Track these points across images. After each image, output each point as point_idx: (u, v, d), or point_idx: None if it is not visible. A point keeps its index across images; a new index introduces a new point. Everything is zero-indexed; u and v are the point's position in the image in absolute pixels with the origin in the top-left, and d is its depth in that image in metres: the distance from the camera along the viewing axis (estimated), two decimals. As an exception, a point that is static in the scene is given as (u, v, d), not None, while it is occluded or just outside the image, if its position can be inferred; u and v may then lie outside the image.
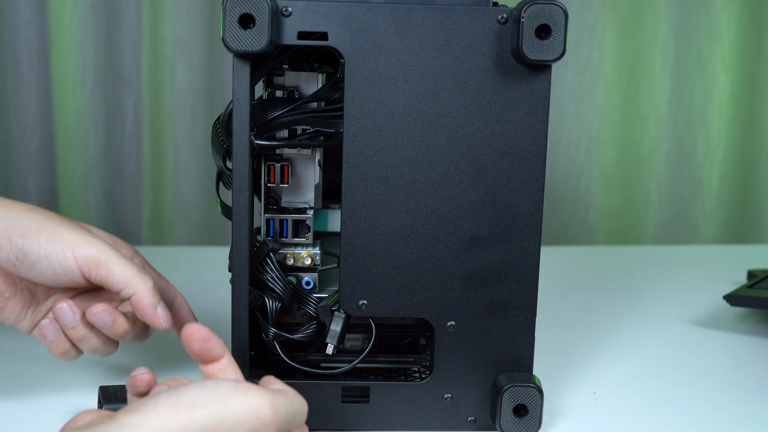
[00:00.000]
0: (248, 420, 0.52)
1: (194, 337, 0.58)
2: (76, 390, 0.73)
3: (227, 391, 0.52)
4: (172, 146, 1.49)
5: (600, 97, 1.54)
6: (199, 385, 0.53)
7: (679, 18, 1.52)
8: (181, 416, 0.50)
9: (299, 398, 0.57)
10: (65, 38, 1.46)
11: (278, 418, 0.53)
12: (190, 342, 0.58)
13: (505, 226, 0.64)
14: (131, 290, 0.68)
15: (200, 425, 0.50)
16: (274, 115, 0.64)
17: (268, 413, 0.53)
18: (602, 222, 1.59)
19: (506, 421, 0.65)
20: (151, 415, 0.50)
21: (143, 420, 0.49)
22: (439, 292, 0.65)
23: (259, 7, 0.59)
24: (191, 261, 1.18)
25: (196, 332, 0.58)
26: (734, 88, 1.55)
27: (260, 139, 0.64)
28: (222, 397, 0.52)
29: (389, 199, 0.64)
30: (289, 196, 0.68)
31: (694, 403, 0.75)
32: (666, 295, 1.07)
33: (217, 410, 0.51)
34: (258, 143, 0.64)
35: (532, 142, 0.64)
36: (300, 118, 0.65)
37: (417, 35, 0.62)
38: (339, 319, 0.65)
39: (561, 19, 0.61)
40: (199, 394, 0.52)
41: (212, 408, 0.51)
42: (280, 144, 0.65)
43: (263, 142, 0.64)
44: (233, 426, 0.51)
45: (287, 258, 0.67)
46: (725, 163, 1.58)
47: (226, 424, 0.51)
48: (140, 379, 0.59)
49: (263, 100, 0.66)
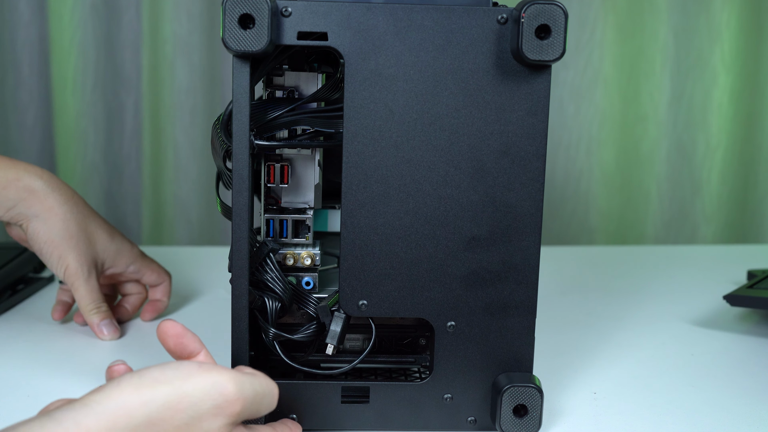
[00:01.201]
0: (212, 395, 0.53)
1: (168, 334, 0.59)
2: (75, 390, 0.73)
3: (190, 370, 0.53)
4: (172, 146, 1.49)
5: (600, 97, 1.54)
6: (162, 365, 0.54)
7: (679, 18, 1.52)
8: (142, 393, 0.51)
9: (268, 380, 0.57)
10: (65, 38, 1.46)
11: (243, 395, 0.54)
12: (165, 339, 0.60)
13: (505, 226, 0.64)
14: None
15: (162, 401, 0.51)
16: (274, 115, 0.64)
17: (231, 389, 0.53)
18: (602, 222, 1.59)
19: (506, 421, 0.65)
20: (113, 392, 0.51)
21: (106, 398, 0.51)
22: (439, 292, 0.65)
23: (258, 8, 0.59)
24: (191, 261, 1.18)
25: (170, 329, 0.59)
26: (734, 88, 1.55)
27: (260, 139, 0.64)
28: (184, 375, 0.53)
29: (389, 199, 0.64)
30: (289, 196, 0.68)
31: (694, 403, 0.75)
32: (666, 295, 1.07)
33: (179, 387, 0.52)
34: (258, 143, 0.64)
35: (532, 142, 0.63)
36: (300, 119, 0.64)
37: (417, 35, 0.61)
38: (339, 319, 0.65)
39: (561, 19, 0.61)
40: (161, 372, 0.53)
41: (174, 385, 0.52)
42: (279, 144, 0.65)
43: (263, 143, 0.64)
44: (196, 402, 0.52)
45: (287, 258, 0.67)
46: (725, 163, 1.58)
47: (189, 401, 0.52)
48: (116, 370, 0.60)
49: (263, 100, 0.66)
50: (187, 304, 0.98)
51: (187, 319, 0.93)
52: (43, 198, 0.83)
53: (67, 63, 1.46)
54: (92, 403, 0.50)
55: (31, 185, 0.83)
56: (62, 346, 0.84)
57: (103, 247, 0.86)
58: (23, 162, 0.85)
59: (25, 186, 0.83)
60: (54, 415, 0.49)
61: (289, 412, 0.66)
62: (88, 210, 0.86)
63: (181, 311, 0.96)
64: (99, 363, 0.79)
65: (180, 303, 0.98)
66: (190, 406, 0.52)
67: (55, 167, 1.50)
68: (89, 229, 0.85)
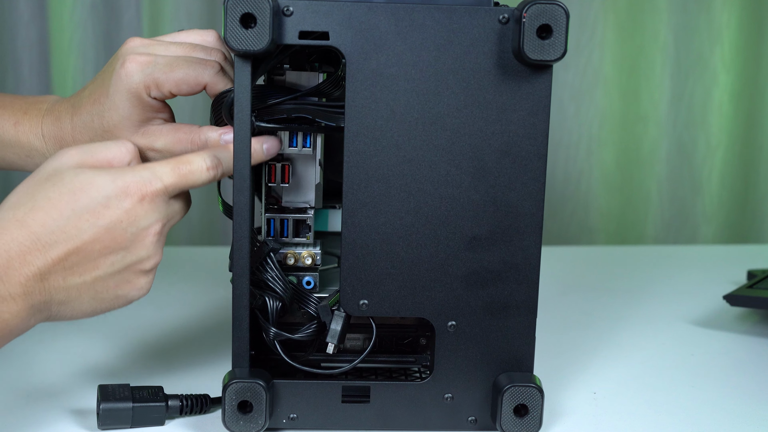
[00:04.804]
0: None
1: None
2: (75, 390, 0.73)
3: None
4: (172, 146, 1.49)
5: (600, 97, 1.54)
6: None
7: (679, 18, 1.52)
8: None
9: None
10: (65, 38, 1.45)
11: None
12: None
13: (506, 226, 0.64)
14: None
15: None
16: (276, 100, 0.64)
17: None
18: (602, 222, 1.59)
19: (507, 421, 0.65)
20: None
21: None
22: (439, 291, 0.65)
23: (260, 7, 0.59)
24: (191, 261, 1.18)
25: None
26: (734, 88, 1.55)
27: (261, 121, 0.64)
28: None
29: (390, 198, 0.64)
30: (289, 195, 0.68)
31: (694, 403, 0.75)
32: (666, 295, 1.07)
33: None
34: (259, 125, 0.63)
35: (533, 142, 0.63)
36: (302, 107, 0.64)
37: (418, 35, 0.62)
38: (339, 318, 0.65)
39: (562, 19, 0.61)
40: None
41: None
42: (280, 126, 0.64)
43: (264, 124, 0.64)
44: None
45: (288, 258, 0.67)
46: (725, 163, 1.58)
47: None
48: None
49: (263, 84, 0.66)
50: (187, 304, 0.98)
51: (187, 319, 0.93)
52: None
53: (67, 63, 1.46)
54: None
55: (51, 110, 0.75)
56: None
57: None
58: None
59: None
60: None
61: (290, 412, 0.66)
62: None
63: (181, 311, 0.96)
64: (100, 362, 0.79)
65: (180, 303, 0.98)
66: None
67: (55, 167, 1.50)
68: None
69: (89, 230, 0.59)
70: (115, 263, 0.60)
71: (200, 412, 0.69)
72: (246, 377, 0.63)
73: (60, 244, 0.58)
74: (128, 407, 0.66)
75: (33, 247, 0.57)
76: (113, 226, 0.59)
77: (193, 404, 0.68)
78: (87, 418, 0.68)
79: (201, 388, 0.71)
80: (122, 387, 0.67)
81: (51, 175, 0.60)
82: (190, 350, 0.84)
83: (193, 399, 0.68)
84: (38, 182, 0.60)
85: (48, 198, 0.59)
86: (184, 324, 0.92)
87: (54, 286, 0.59)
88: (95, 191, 0.59)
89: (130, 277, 0.61)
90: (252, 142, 0.63)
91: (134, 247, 0.60)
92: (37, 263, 0.57)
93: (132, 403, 0.66)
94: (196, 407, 0.68)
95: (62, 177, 0.60)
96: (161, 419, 0.67)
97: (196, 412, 0.68)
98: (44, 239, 0.58)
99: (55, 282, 0.58)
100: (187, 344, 0.86)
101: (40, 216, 0.58)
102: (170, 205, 0.62)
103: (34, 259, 0.57)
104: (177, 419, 0.68)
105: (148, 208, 0.60)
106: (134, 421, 0.66)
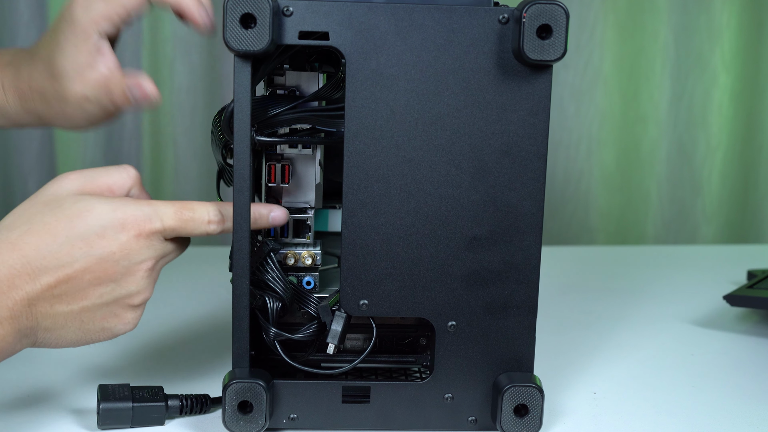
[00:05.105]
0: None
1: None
2: (75, 389, 0.73)
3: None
4: (172, 146, 1.49)
5: (600, 97, 1.54)
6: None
7: (679, 18, 1.52)
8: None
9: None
10: (65, 38, 1.45)
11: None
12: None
13: (506, 226, 0.64)
14: None
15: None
16: (276, 111, 0.64)
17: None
18: (602, 222, 1.59)
19: (507, 421, 0.65)
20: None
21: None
22: (439, 291, 0.65)
23: (260, 7, 0.59)
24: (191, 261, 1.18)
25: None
26: (734, 88, 1.55)
27: (261, 136, 0.64)
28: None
29: (390, 198, 0.64)
30: (289, 196, 0.68)
31: (694, 403, 0.75)
32: (666, 295, 1.07)
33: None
34: (259, 139, 0.64)
35: (533, 142, 0.64)
36: (301, 116, 0.64)
37: (418, 35, 0.62)
38: (340, 318, 0.65)
39: (562, 19, 0.61)
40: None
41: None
42: (280, 141, 0.65)
43: (264, 139, 0.64)
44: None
45: (288, 258, 0.67)
46: (725, 164, 1.58)
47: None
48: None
49: (264, 96, 0.66)
50: (187, 304, 0.98)
51: (187, 319, 0.93)
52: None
53: (67, 62, 1.46)
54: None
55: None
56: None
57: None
58: None
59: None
60: None
61: (290, 412, 0.66)
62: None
63: (181, 311, 0.96)
64: (100, 362, 0.79)
65: (180, 303, 0.98)
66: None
67: (55, 167, 1.50)
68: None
69: (81, 259, 0.58)
70: (104, 295, 0.60)
71: (200, 412, 0.69)
72: (246, 377, 0.63)
73: (51, 271, 0.58)
74: (128, 407, 0.66)
75: (23, 271, 0.57)
76: (106, 257, 0.59)
77: (193, 404, 0.68)
78: (87, 418, 0.68)
79: (201, 388, 0.71)
80: (122, 387, 0.67)
81: (50, 201, 0.60)
82: (190, 350, 0.84)
83: (193, 399, 0.68)
84: (35, 205, 0.60)
85: (44, 222, 0.58)
86: (184, 324, 0.92)
87: (41, 312, 0.58)
88: (93, 219, 0.59)
89: (117, 311, 0.61)
90: (261, 207, 0.64)
91: (125, 280, 0.60)
92: (26, 288, 0.57)
93: (132, 402, 0.66)
94: (196, 407, 0.68)
95: (61, 203, 0.59)
96: (161, 419, 0.67)
97: (196, 412, 0.68)
98: (35, 264, 0.57)
99: (43, 308, 0.58)
100: (187, 344, 0.86)
101: (34, 240, 0.58)
102: (166, 245, 0.62)
103: (24, 283, 0.57)
104: (177, 419, 0.68)
105: (144, 244, 0.60)
106: (134, 420, 0.66)
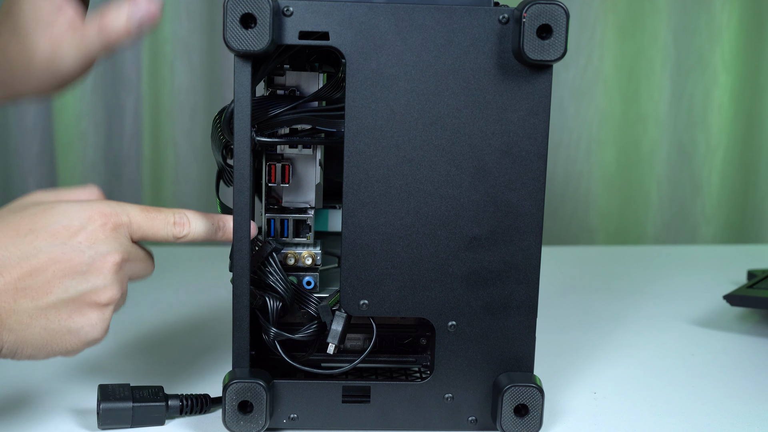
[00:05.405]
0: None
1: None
2: (75, 390, 0.73)
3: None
4: (172, 146, 1.49)
5: (600, 97, 1.54)
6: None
7: (679, 18, 1.52)
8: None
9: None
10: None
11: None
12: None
13: (506, 226, 0.64)
14: None
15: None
16: (276, 112, 0.64)
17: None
18: (602, 222, 1.59)
19: (507, 421, 0.65)
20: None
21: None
22: (440, 291, 0.65)
23: (260, 7, 0.59)
24: (191, 261, 1.18)
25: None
26: (734, 88, 1.55)
27: (261, 136, 0.64)
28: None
29: (390, 198, 0.64)
30: (290, 195, 0.68)
31: (694, 403, 0.75)
32: (666, 295, 1.07)
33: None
34: (259, 140, 0.64)
35: (533, 142, 0.64)
36: (301, 117, 0.64)
37: (418, 35, 0.62)
38: (340, 318, 0.65)
39: (562, 19, 0.61)
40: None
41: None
42: (281, 141, 0.65)
43: (264, 139, 0.64)
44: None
45: (288, 258, 0.67)
46: (725, 164, 1.58)
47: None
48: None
49: (264, 96, 0.66)
50: (187, 304, 0.99)
51: (187, 319, 0.93)
52: None
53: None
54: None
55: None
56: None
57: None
58: None
59: None
60: None
61: (290, 412, 0.66)
62: None
63: (181, 311, 0.96)
64: (100, 362, 0.79)
65: (180, 303, 0.98)
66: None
67: (55, 167, 1.50)
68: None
69: (46, 249, 0.57)
70: (69, 289, 0.58)
71: (200, 412, 0.69)
72: (246, 377, 0.63)
73: (14, 263, 0.57)
74: (128, 407, 0.66)
75: None
76: (72, 246, 0.58)
77: (193, 404, 0.68)
78: (87, 417, 0.68)
79: (201, 388, 0.71)
80: (122, 387, 0.67)
81: (15, 207, 0.60)
82: (190, 350, 0.84)
83: (193, 399, 0.68)
84: (2, 214, 0.59)
85: (8, 221, 0.58)
86: (184, 324, 0.92)
87: (5, 308, 0.56)
88: (58, 213, 0.58)
89: (83, 308, 0.59)
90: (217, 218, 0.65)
91: (90, 273, 0.58)
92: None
93: (132, 402, 0.66)
94: (196, 407, 0.68)
95: (26, 207, 0.59)
96: (161, 419, 0.67)
97: (196, 412, 0.68)
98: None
99: (6, 303, 0.56)
100: (187, 344, 0.86)
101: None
102: (132, 246, 0.61)
103: None
104: (177, 419, 0.68)
105: (110, 235, 0.59)
106: (134, 420, 0.66)
